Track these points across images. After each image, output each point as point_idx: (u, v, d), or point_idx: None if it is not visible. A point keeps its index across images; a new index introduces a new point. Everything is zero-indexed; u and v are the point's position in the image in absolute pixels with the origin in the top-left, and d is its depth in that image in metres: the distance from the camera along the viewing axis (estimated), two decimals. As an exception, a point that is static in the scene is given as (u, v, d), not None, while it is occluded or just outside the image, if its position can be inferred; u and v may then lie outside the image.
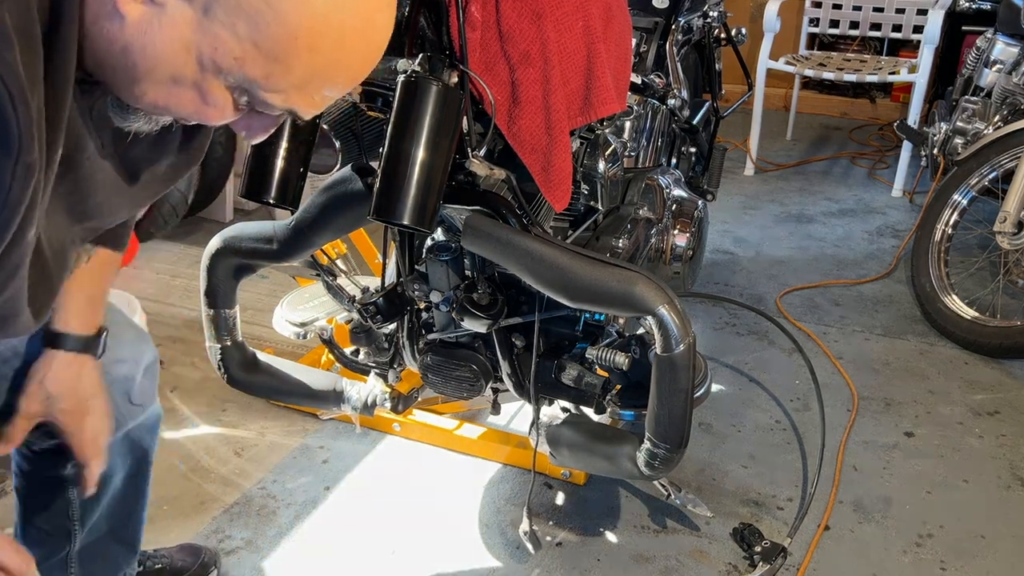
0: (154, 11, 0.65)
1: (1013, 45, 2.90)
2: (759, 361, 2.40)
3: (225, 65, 0.66)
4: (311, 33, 0.66)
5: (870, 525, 1.82)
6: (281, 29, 0.65)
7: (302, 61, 0.67)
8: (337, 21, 0.66)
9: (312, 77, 0.69)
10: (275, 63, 0.66)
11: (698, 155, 2.46)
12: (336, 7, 0.66)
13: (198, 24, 0.65)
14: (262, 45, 0.65)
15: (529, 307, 1.52)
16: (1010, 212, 2.35)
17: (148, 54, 0.66)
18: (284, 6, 0.64)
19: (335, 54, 0.68)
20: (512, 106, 1.37)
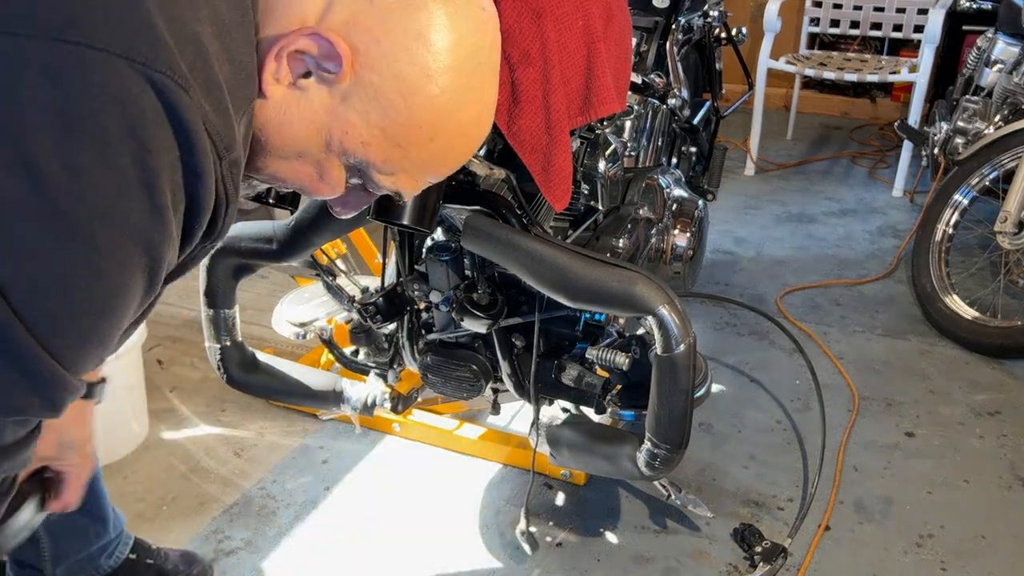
0: (295, 94, 0.69)
1: (1014, 45, 2.90)
2: (760, 361, 2.40)
3: (351, 148, 0.72)
4: (434, 127, 0.72)
5: (871, 525, 1.81)
6: (410, 121, 0.70)
7: (421, 150, 0.73)
8: (457, 118, 0.73)
9: (424, 165, 0.75)
10: (397, 149, 0.72)
11: (698, 155, 2.45)
12: (459, 106, 0.72)
13: (334, 109, 0.70)
14: (389, 133, 0.71)
15: (529, 307, 1.52)
16: (1011, 212, 2.34)
17: (283, 132, 0.71)
18: (416, 100, 0.70)
19: (448, 147, 0.75)
20: (512, 106, 1.36)
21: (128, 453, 1.96)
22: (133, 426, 1.99)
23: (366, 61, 0.68)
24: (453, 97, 0.71)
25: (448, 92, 0.71)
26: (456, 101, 0.72)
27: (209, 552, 1.70)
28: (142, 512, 1.80)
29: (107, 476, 1.89)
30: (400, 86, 0.69)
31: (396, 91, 0.69)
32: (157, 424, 2.07)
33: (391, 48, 0.68)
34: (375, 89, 0.69)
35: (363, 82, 0.69)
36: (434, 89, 0.70)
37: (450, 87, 0.71)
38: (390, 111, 0.70)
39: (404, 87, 0.69)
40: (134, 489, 1.86)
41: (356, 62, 0.68)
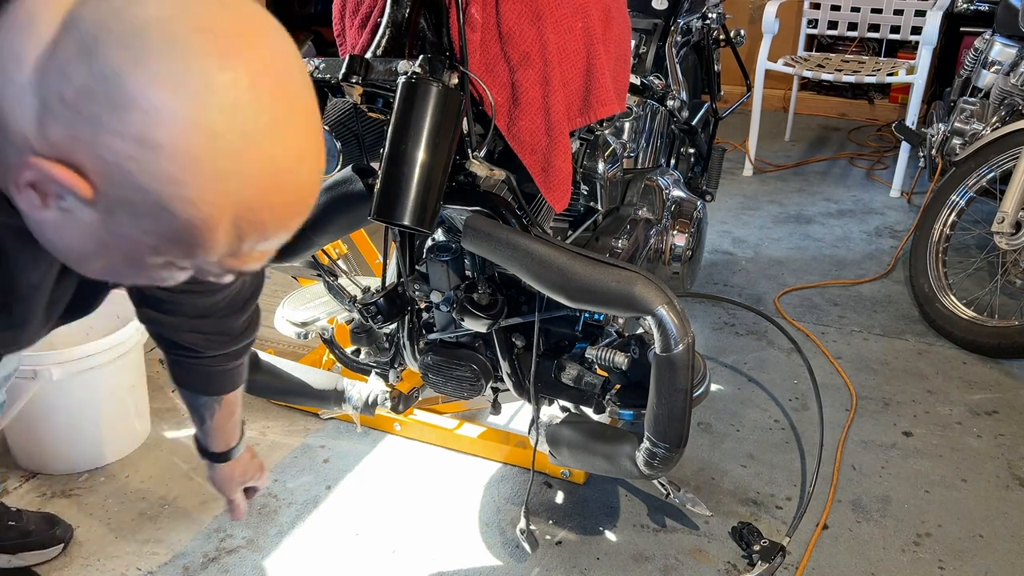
0: (64, 215, 0.62)
1: (1011, 46, 2.91)
2: (758, 361, 2.41)
3: (147, 257, 0.65)
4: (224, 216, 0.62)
5: (868, 524, 1.82)
6: (186, 224, 0.61)
7: (222, 239, 0.63)
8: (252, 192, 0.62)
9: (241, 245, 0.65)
10: (193, 247, 0.63)
11: (697, 156, 2.46)
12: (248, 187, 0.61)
13: (106, 225, 0.62)
14: (172, 237, 0.62)
15: (529, 307, 1.53)
16: (1008, 212, 2.35)
17: (73, 248, 0.65)
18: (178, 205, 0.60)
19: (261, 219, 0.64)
20: (512, 107, 1.37)
21: (130, 452, 1.97)
22: (135, 425, 2.00)
23: (106, 183, 0.59)
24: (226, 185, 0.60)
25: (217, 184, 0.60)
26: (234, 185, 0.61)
27: (211, 551, 1.71)
28: (144, 510, 1.81)
29: (110, 475, 1.90)
30: (152, 196, 0.59)
31: (152, 202, 0.60)
32: (159, 423, 2.08)
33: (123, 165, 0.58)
34: (130, 203, 0.60)
35: (115, 202, 0.60)
36: (191, 190, 0.59)
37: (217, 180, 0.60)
38: (159, 221, 0.61)
39: (157, 197, 0.59)
40: (136, 488, 1.87)
41: (93, 181, 0.59)
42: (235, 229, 0.63)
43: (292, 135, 0.62)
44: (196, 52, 0.58)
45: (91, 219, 0.62)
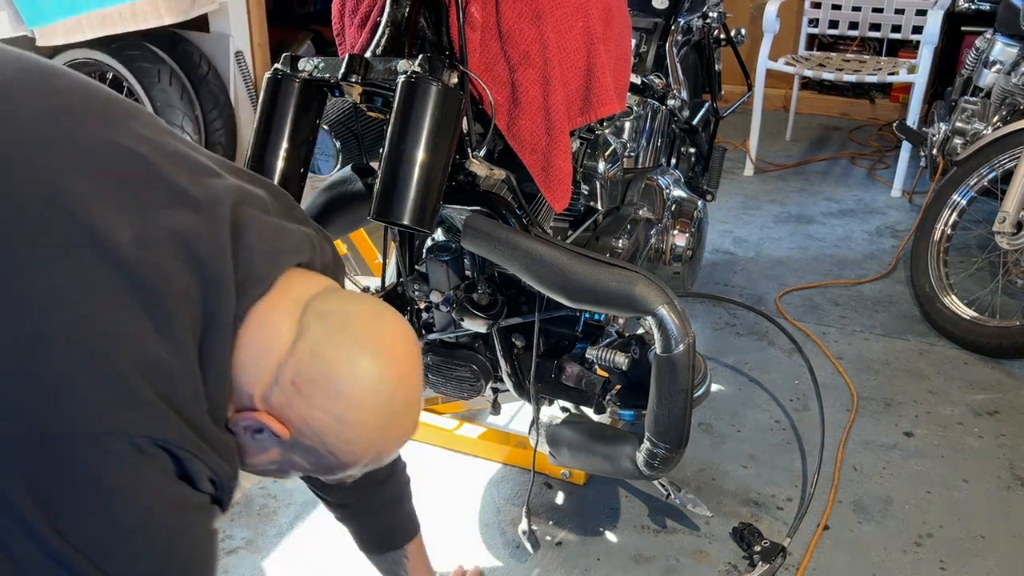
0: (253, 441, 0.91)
1: (1012, 45, 2.90)
2: (759, 361, 2.41)
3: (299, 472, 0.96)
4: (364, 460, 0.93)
5: (870, 525, 1.82)
6: (339, 464, 0.92)
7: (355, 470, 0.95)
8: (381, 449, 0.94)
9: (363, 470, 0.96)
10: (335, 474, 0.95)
11: (698, 155, 2.46)
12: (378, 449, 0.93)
13: (283, 454, 0.92)
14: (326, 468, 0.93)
15: (529, 307, 1.53)
16: (1009, 212, 2.35)
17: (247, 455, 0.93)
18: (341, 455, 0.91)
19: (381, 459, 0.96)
20: (512, 106, 1.37)
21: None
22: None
23: (300, 434, 0.89)
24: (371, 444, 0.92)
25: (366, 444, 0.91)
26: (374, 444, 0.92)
27: (210, 552, 1.70)
28: (143, 512, 1.80)
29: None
30: (327, 448, 0.90)
31: (326, 450, 0.90)
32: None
33: (317, 427, 0.88)
34: (310, 449, 0.90)
35: (300, 444, 0.90)
36: (354, 447, 0.91)
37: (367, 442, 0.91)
38: (323, 460, 0.91)
39: (330, 448, 0.90)
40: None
41: (292, 433, 0.89)
42: (369, 464, 0.95)
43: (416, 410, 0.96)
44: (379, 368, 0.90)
45: (274, 448, 0.91)
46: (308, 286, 0.93)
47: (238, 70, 3.05)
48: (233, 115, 3.05)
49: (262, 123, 1.31)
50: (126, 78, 2.88)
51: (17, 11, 2.33)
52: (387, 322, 0.94)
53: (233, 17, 3.00)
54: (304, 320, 0.89)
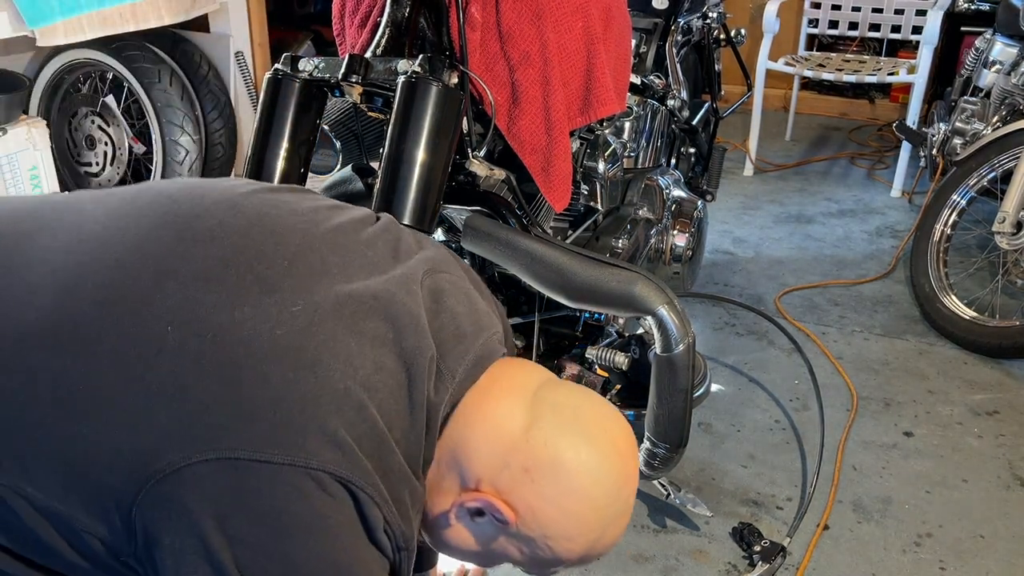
0: (472, 525, 0.92)
1: (1012, 46, 2.91)
2: (758, 361, 2.41)
3: (505, 558, 0.94)
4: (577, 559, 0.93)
5: (869, 525, 1.82)
6: (553, 559, 0.92)
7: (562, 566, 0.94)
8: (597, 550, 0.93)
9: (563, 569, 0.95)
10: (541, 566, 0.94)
11: (697, 155, 2.46)
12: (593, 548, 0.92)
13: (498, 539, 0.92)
14: (536, 560, 0.93)
15: (529, 307, 1.53)
16: (1009, 212, 2.35)
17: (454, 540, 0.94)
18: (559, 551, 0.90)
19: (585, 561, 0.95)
20: (512, 106, 1.37)
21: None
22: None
23: (524, 522, 0.89)
24: (591, 544, 0.92)
25: (586, 543, 0.91)
26: (592, 545, 0.92)
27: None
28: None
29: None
30: (549, 541, 0.90)
31: (545, 543, 0.90)
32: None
33: (544, 519, 0.88)
34: (530, 539, 0.90)
35: (521, 534, 0.90)
36: (574, 544, 0.91)
37: (588, 541, 0.91)
38: (540, 552, 0.91)
39: (551, 542, 0.90)
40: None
41: (517, 521, 0.89)
42: (575, 562, 0.94)
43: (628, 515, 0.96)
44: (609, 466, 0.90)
45: (491, 532, 0.91)
46: (531, 374, 0.95)
47: (238, 70, 3.05)
48: (233, 115, 3.05)
49: (262, 123, 1.32)
50: (126, 78, 2.88)
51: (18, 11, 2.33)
52: (615, 420, 0.95)
53: (233, 17, 3.01)
54: (536, 409, 0.90)
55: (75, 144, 3.09)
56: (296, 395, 0.76)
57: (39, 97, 3.03)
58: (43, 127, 2.79)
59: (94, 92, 3.01)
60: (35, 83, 2.99)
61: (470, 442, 0.89)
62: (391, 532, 0.82)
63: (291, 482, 0.74)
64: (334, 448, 0.76)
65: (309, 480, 0.75)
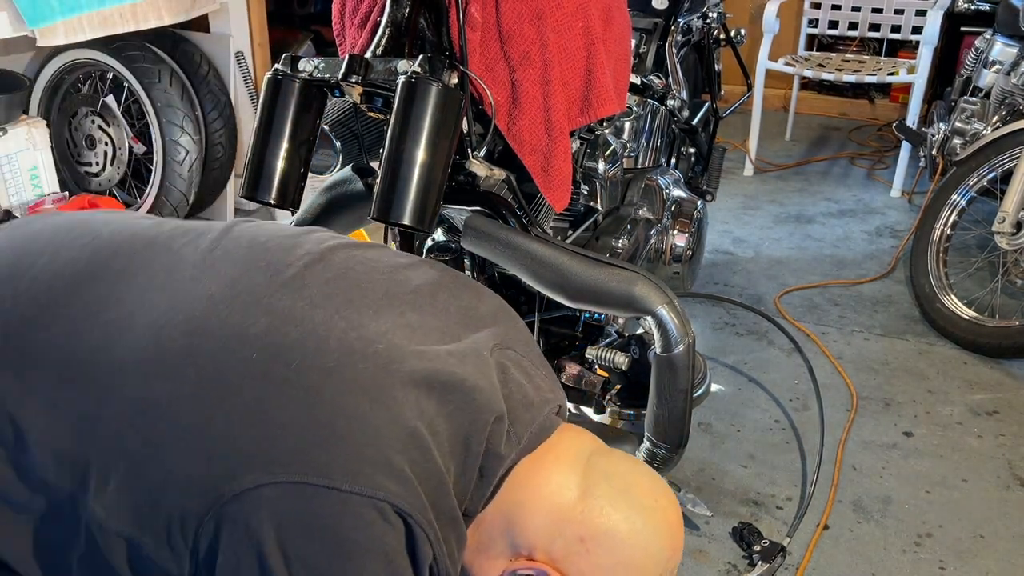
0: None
1: (1012, 46, 2.91)
2: (758, 361, 2.41)
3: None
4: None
5: (869, 525, 1.82)
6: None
7: None
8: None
9: None
10: None
11: (697, 155, 2.46)
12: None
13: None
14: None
15: (529, 307, 1.53)
16: (1009, 212, 2.35)
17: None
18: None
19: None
20: (512, 107, 1.37)
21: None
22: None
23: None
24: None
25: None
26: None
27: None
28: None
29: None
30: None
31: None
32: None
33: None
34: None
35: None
36: None
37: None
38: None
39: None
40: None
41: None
42: None
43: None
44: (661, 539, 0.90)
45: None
46: (584, 442, 0.96)
47: (238, 70, 3.05)
48: (233, 115, 3.05)
49: (262, 123, 1.31)
50: (127, 78, 2.88)
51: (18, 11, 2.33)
52: (664, 492, 0.96)
53: (233, 17, 3.01)
54: (589, 479, 0.91)
55: (75, 144, 3.09)
56: (368, 427, 0.79)
57: (39, 97, 3.03)
58: (43, 127, 2.79)
59: (94, 92, 3.01)
60: (35, 83, 2.99)
61: (524, 508, 0.90)
62: (437, 570, 0.84)
63: (355, 510, 0.77)
64: (398, 482, 0.78)
65: (372, 510, 0.77)
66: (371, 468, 0.78)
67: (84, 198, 2.77)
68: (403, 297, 0.93)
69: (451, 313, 0.95)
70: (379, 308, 0.89)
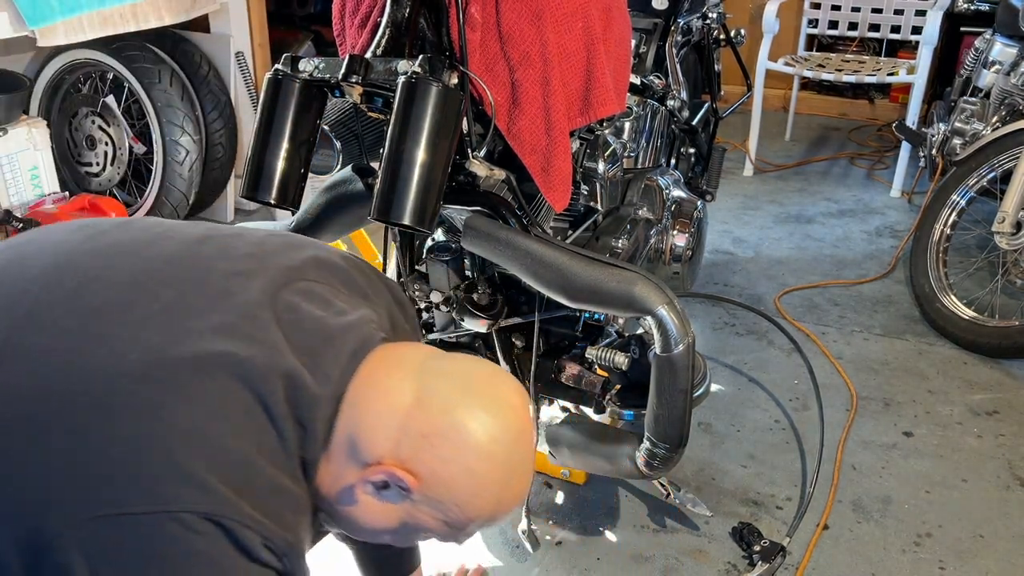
0: (378, 500, 0.93)
1: (1011, 46, 2.91)
2: (758, 361, 2.41)
3: (420, 529, 0.96)
4: (482, 516, 0.94)
5: (869, 524, 1.82)
6: (464, 517, 0.93)
7: (474, 527, 0.96)
8: (501, 508, 0.95)
9: (476, 530, 0.98)
10: (456, 530, 0.96)
11: (697, 156, 2.46)
12: (501, 501, 0.94)
13: (408, 510, 0.93)
14: (450, 523, 0.94)
15: (529, 307, 1.53)
16: (1008, 212, 2.35)
17: (369, 521, 0.95)
18: (468, 508, 0.92)
19: (498, 518, 0.97)
20: (512, 107, 1.37)
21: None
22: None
23: (427, 485, 0.91)
24: (497, 498, 0.94)
25: (492, 497, 0.93)
26: (499, 500, 0.94)
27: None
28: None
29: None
30: (455, 500, 0.92)
31: (452, 503, 0.92)
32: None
33: (447, 478, 0.91)
34: (437, 501, 0.92)
35: (428, 497, 0.92)
36: (481, 500, 0.93)
37: (493, 495, 0.93)
38: (449, 513, 0.93)
39: (458, 500, 0.92)
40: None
41: (421, 485, 0.91)
42: (484, 522, 0.95)
43: (532, 468, 0.99)
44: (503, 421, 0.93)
45: (400, 504, 0.93)
46: (413, 351, 0.98)
47: (238, 70, 3.05)
48: (233, 115, 3.05)
49: (262, 123, 1.32)
50: (127, 78, 2.88)
51: (18, 11, 2.33)
52: (504, 380, 0.99)
53: (234, 18, 3.01)
54: (424, 379, 0.93)
55: (75, 144, 3.09)
56: (145, 444, 0.80)
57: (39, 97, 3.03)
58: (43, 127, 2.79)
59: (94, 92, 3.01)
60: (35, 83, 2.99)
61: (363, 425, 0.91)
62: (272, 545, 0.85)
63: (156, 529, 0.78)
64: (190, 487, 0.79)
65: (174, 523, 0.78)
66: (160, 483, 0.79)
67: (84, 198, 2.77)
68: (155, 275, 0.91)
69: (215, 271, 0.93)
70: (129, 305, 0.87)
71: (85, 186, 3.10)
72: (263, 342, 0.87)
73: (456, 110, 1.21)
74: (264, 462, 0.85)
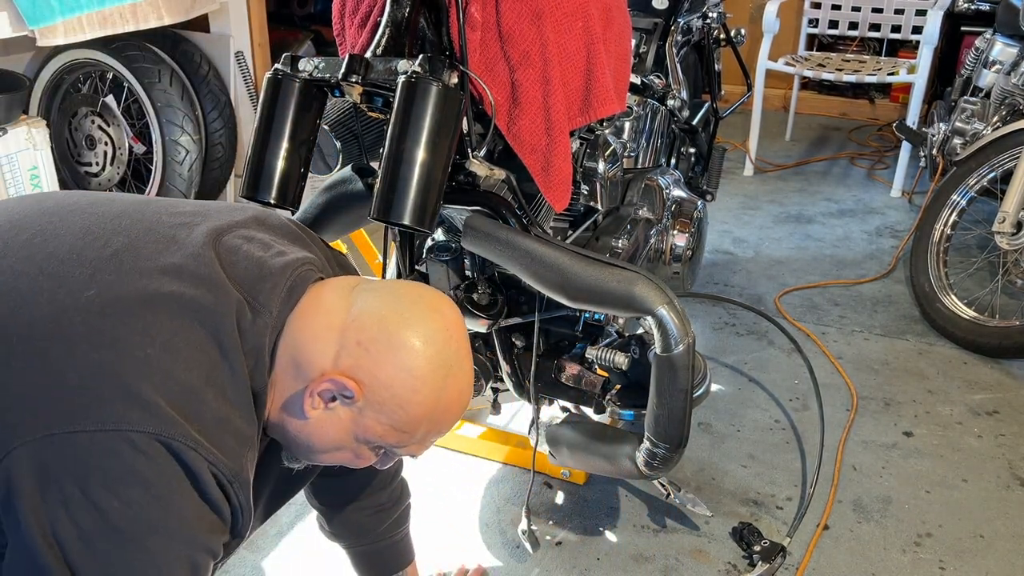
0: (328, 413, 0.99)
1: (1012, 46, 2.91)
2: (758, 361, 2.41)
3: (372, 439, 1.01)
4: (427, 416, 1.00)
5: (869, 524, 1.82)
6: (409, 417, 0.99)
7: (422, 430, 1.01)
8: (442, 405, 1.00)
9: (427, 436, 1.03)
10: (404, 435, 1.01)
11: (697, 155, 2.46)
12: (441, 398, 0.99)
13: (355, 419, 0.99)
14: (397, 426, 0.99)
15: (529, 307, 1.53)
16: (1009, 212, 2.35)
17: (324, 438, 1.01)
18: (410, 406, 0.98)
19: (441, 422, 1.03)
20: (512, 106, 1.37)
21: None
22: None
23: (370, 390, 0.97)
24: (436, 395, 0.99)
25: (432, 394, 0.99)
26: (438, 397, 0.99)
27: (210, 551, 1.70)
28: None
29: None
30: (397, 400, 0.97)
31: (395, 403, 0.98)
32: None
33: (386, 379, 0.97)
34: (381, 404, 0.98)
35: (371, 402, 0.98)
36: (421, 397, 0.98)
37: (432, 391, 0.99)
38: (394, 415, 0.98)
39: (400, 400, 0.98)
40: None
41: (363, 390, 0.97)
42: (430, 424, 1.01)
43: (468, 369, 1.04)
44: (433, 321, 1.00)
45: (348, 415, 0.98)
46: (347, 280, 1.05)
47: (238, 70, 3.05)
48: (233, 115, 3.05)
49: (262, 123, 1.32)
50: (126, 78, 2.88)
51: (18, 11, 2.33)
52: (431, 291, 1.06)
53: (233, 17, 3.01)
54: (356, 297, 1.00)
55: (75, 144, 3.09)
56: (100, 370, 0.86)
57: (39, 97, 3.03)
58: (43, 127, 2.79)
59: (94, 92, 3.01)
60: (35, 83, 2.99)
61: (303, 344, 0.98)
62: (217, 471, 0.89)
63: (105, 446, 0.83)
64: (141, 409, 0.85)
65: (122, 442, 0.83)
66: (112, 405, 0.84)
67: (84, 198, 2.77)
68: (106, 225, 0.98)
69: (162, 223, 1.00)
70: (82, 249, 0.94)
71: (85, 186, 3.10)
72: (208, 280, 0.94)
73: (456, 110, 1.21)
74: (212, 394, 0.90)
